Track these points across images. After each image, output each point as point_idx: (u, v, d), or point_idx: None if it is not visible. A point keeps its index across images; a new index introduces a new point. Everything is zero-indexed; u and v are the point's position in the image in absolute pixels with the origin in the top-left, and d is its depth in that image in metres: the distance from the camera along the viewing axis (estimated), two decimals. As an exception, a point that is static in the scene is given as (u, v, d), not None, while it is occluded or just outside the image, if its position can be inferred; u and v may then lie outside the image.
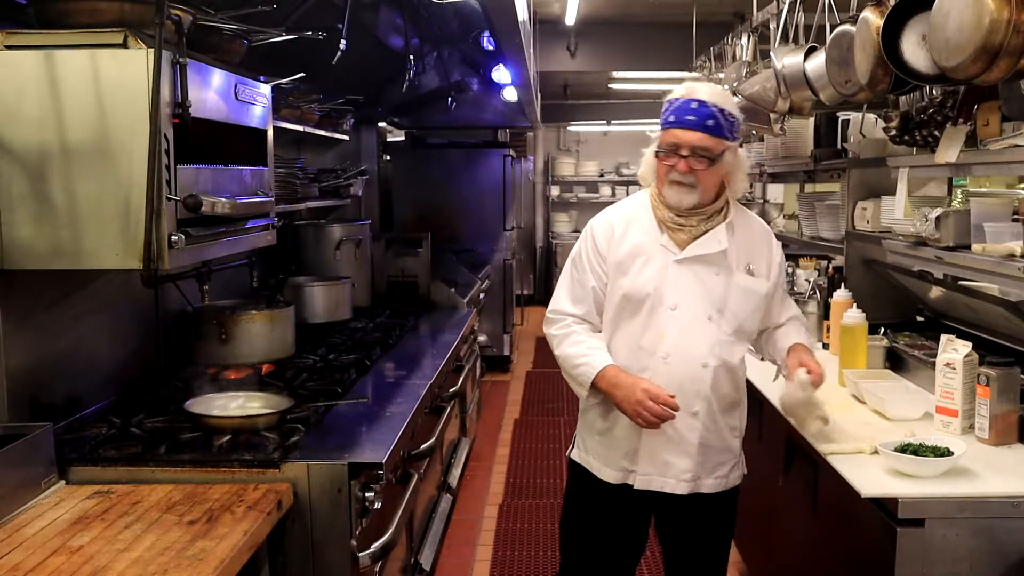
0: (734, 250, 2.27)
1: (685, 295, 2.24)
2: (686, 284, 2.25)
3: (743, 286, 2.27)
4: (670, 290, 2.25)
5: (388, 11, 3.85)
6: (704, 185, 2.23)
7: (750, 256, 2.30)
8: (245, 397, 2.61)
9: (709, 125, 2.19)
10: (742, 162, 2.30)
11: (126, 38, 2.01)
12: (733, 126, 2.23)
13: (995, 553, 2.00)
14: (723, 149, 2.22)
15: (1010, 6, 1.92)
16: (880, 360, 3.06)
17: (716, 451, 2.32)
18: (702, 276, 2.25)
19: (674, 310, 2.24)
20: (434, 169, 7.30)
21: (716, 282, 2.25)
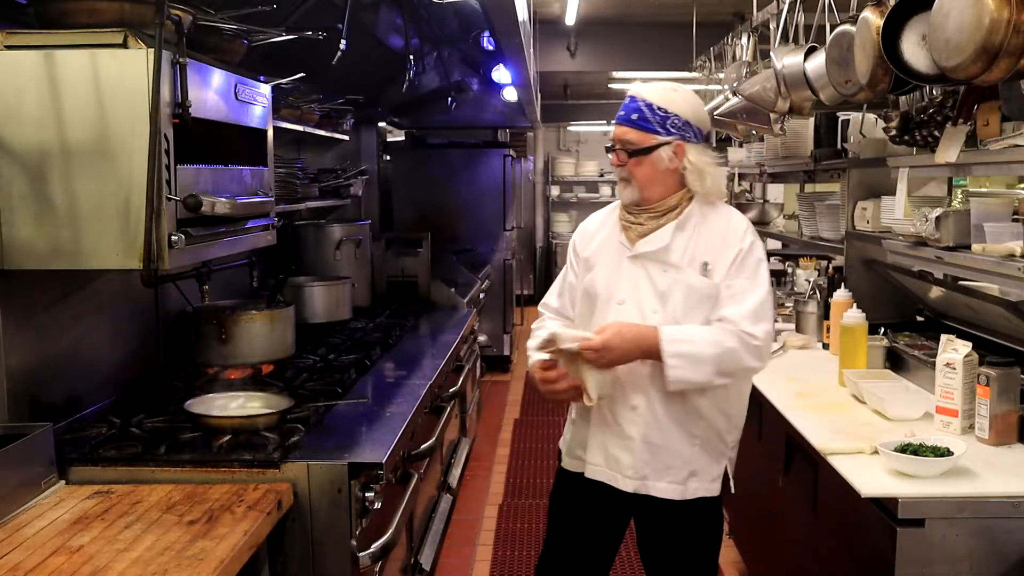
0: (683, 248, 2.24)
1: (633, 291, 2.27)
2: (636, 280, 2.27)
3: (688, 283, 2.23)
4: (620, 286, 2.29)
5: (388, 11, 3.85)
6: (638, 180, 2.25)
7: (707, 255, 2.24)
8: (245, 397, 2.61)
9: (633, 119, 2.23)
10: (696, 162, 2.24)
11: (126, 38, 2.01)
12: (667, 121, 2.21)
13: (995, 553, 2.00)
14: (653, 143, 2.21)
15: (1010, 6, 1.92)
16: (880, 360, 3.06)
17: (665, 452, 2.24)
18: (652, 273, 2.26)
19: (621, 304, 2.28)
20: (434, 169, 7.29)
21: (663, 279, 2.25)
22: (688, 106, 2.25)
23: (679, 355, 2.15)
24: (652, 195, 2.26)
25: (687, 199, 2.28)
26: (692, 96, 2.29)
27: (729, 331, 2.17)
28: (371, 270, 4.76)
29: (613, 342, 2.15)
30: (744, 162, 5.74)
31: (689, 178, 2.24)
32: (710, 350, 2.16)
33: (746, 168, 5.72)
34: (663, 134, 2.21)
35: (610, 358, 2.16)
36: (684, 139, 2.22)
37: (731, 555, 3.85)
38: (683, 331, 2.19)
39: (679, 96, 2.25)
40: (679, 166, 2.23)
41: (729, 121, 4.43)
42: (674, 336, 2.16)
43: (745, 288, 2.21)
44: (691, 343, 2.16)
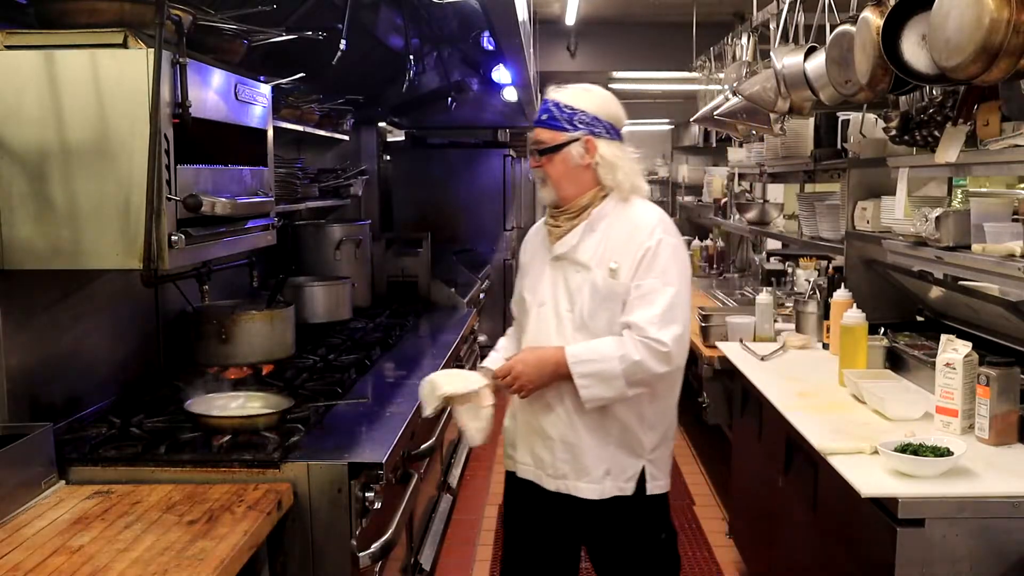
0: (594, 248, 2.25)
1: (551, 293, 2.31)
2: (554, 283, 2.31)
3: (593, 283, 2.24)
4: (542, 289, 2.34)
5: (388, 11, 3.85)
6: (552, 179, 2.28)
7: (616, 254, 2.23)
8: (245, 397, 2.61)
9: (543, 119, 2.28)
10: (611, 156, 2.24)
11: (126, 38, 2.01)
12: (573, 117, 2.24)
13: (995, 553, 2.00)
14: (562, 140, 2.24)
15: (1010, 6, 1.93)
16: (880, 360, 3.06)
17: (583, 452, 2.26)
18: (568, 275, 2.29)
19: (542, 307, 2.32)
20: (434, 169, 7.29)
21: (575, 280, 2.27)
22: (596, 103, 2.28)
23: (587, 375, 2.17)
24: (567, 193, 2.29)
25: (600, 197, 2.29)
26: (604, 94, 2.32)
27: (635, 341, 2.15)
28: (371, 270, 4.76)
29: (517, 369, 2.21)
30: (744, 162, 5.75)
31: (600, 172, 2.26)
32: (617, 366, 2.15)
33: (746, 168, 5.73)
34: (571, 130, 2.24)
35: (525, 386, 2.22)
36: (593, 134, 2.25)
37: (731, 555, 3.85)
38: (588, 349, 2.19)
39: (588, 94, 2.29)
40: (591, 162, 2.25)
41: (729, 121, 4.43)
42: (579, 356, 2.18)
43: (654, 288, 2.18)
44: (597, 361, 2.17)
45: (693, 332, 4.33)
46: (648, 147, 11.83)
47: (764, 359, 3.45)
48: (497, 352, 2.55)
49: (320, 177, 4.47)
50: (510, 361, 2.26)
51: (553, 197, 2.31)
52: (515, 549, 2.48)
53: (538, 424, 2.31)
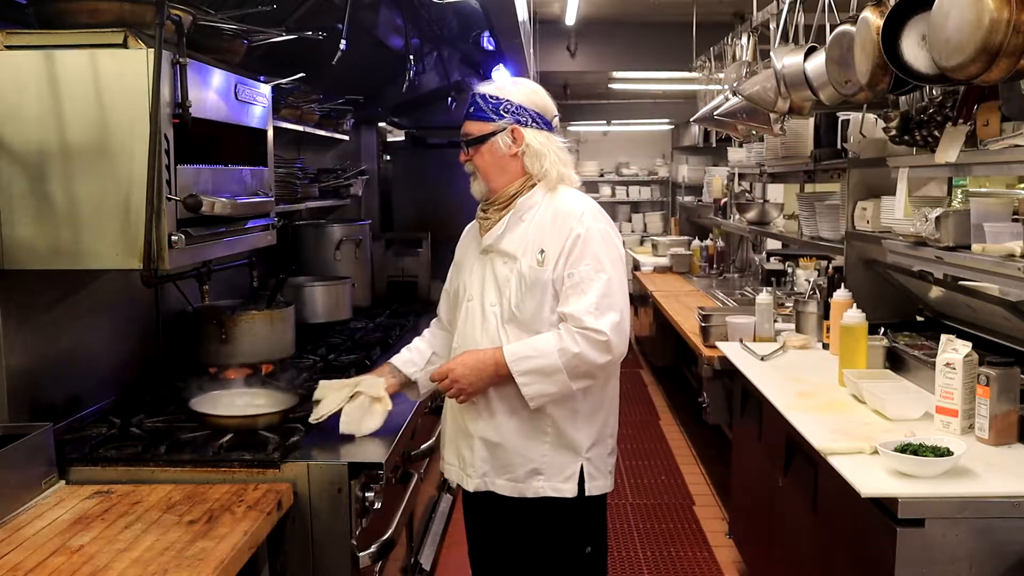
0: (521, 238, 2.24)
1: (479, 287, 2.30)
2: (484, 276, 2.30)
3: (520, 273, 2.21)
4: (471, 283, 2.33)
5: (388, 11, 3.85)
6: (481, 170, 2.29)
7: (543, 242, 2.21)
8: (250, 394, 2.61)
9: (470, 112, 2.29)
10: (537, 145, 2.23)
11: (126, 38, 2.01)
12: (499, 107, 2.24)
13: (995, 553, 2.00)
14: (488, 131, 2.25)
15: (1010, 6, 1.93)
16: (880, 360, 3.06)
17: (505, 451, 2.22)
18: (496, 267, 2.27)
19: (470, 301, 2.31)
20: (434, 169, 7.27)
21: (503, 271, 2.25)
22: (522, 92, 2.28)
23: (527, 372, 2.14)
24: (496, 184, 2.29)
25: (528, 187, 2.27)
26: (531, 85, 2.34)
27: (573, 333, 2.12)
28: (371, 270, 4.76)
29: (456, 372, 2.19)
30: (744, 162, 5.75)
31: (527, 162, 2.25)
32: (557, 359, 2.12)
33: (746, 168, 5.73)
34: (496, 120, 2.25)
35: (464, 389, 2.19)
36: (519, 123, 2.24)
37: (731, 555, 3.85)
38: (525, 346, 2.16)
39: (514, 85, 2.31)
40: (518, 151, 2.25)
41: (729, 121, 4.43)
42: (517, 354, 2.15)
43: (586, 277, 2.15)
44: (536, 357, 2.13)
45: (693, 332, 4.33)
46: (648, 147, 11.85)
47: (764, 359, 3.45)
48: (409, 352, 2.53)
49: (320, 177, 4.47)
50: (447, 364, 2.23)
51: (483, 190, 2.31)
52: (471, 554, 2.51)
53: (463, 424, 2.29)
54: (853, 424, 2.56)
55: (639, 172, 11.81)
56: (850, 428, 2.51)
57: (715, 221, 6.95)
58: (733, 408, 3.71)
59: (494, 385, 2.19)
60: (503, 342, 2.20)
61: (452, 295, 2.45)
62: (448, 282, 2.50)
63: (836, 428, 2.51)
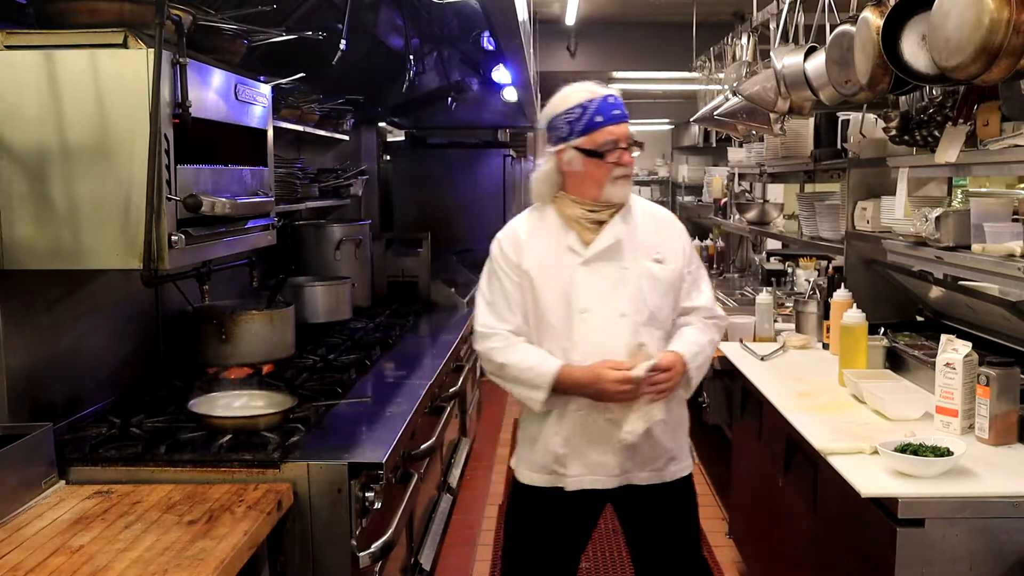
0: (635, 239, 2.26)
1: (594, 296, 2.24)
2: (594, 285, 2.24)
3: (650, 274, 2.24)
4: (579, 293, 2.24)
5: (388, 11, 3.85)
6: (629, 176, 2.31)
7: (656, 245, 2.29)
8: (248, 396, 2.61)
9: (628, 115, 2.28)
10: None
11: (126, 38, 2.02)
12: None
13: (995, 553, 2.00)
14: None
15: (1010, 6, 1.92)
16: (880, 360, 3.06)
17: (644, 448, 2.27)
18: (609, 273, 2.24)
19: (584, 313, 2.23)
20: (434, 169, 7.29)
21: (623, 276, 2.24)
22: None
23: (699, 367, 2.30)
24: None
25: None
26: None
27: (710, 324, 2.35)
28: (371, 270, 4.76)
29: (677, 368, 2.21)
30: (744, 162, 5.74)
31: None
32: (710, 350, 2.34)
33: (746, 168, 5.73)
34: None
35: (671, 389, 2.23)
36: None
37: (731, 555, 3.85)
38: (692, 344, 2.28)
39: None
40: None
41: (729, 121, 4.43)
42: (690, 351, 2.27)
43: (699, 273, 2.39)
44: (700, 352, 2.29)
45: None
46: (648, 147, 11.85)
47: (764, 359, 3.45)
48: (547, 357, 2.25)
49: (320, 177, 4.47)
50: (670, 357, 2.21)
51: (628, 194, 2.30)
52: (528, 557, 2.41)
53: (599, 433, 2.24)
54: (853, 424, 2.56)
55: (639, 172, 11.82)
56: (850, 428, 2.51)
57: (715, 221, 6.95)
58: (733, 408, 3.71)
59: None
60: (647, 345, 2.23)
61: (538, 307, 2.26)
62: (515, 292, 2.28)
63: (836, 428, 2.51)
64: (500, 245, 2.34)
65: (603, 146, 2.21)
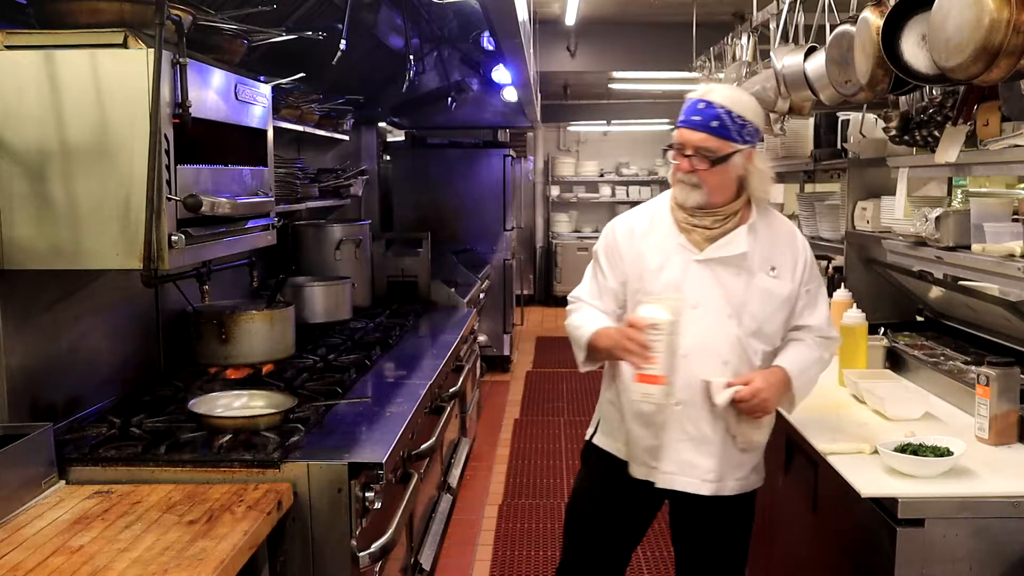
0: (756, 252, 2.26)
1: (706, 294, 2.25)
2: (706, 284, 2.25)
3: (764, 288, 2.25)
4: (690, 288, 2.25)
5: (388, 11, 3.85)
6: (709, 185, 2.22)
7: (773, 258, 2.28)
8: (248, 396, 2.61)
9: (713, 126, 2.19)
10: (761, 167, 2.27)
11: (126, 38, 2.01)
12: (743, 129, 2.20)
13: (995, 553, 2.00)
14: (730, 151, 2.19)
15: (1010, 6, 1.92)
16: (880, 360, 3.06)
17: (738, 452, 2.31)
18: (722, 277, 2.25)
19: (695, 308, 2.24)
20: (434, 169, 7.29)
21: (736, 283, 2.25)
22: (757, 113, 2.27)
23: (803, 386, 2.32)
24: (718, 199, 2.25)
25: (747, 203, 2.30)
26: (755, 101, 2.31)
27: (821, 342, 2.35)
28: (371, 270, 4.76)
29: (764, 394, 2.20)
30: (744, 162, 5.73)
31: (753, 183, 2.26)
32: (818, 368, 2.37)
33: (746, 168, 5.71)
34: (739, 142, 2.20)
35: (768, 408, 2.26)
36: (753, 146, 2.24)
37: (731, 555, 3.84)
38: (800, 361, 2.30)
39: (749, 101, 2.26)
40: (745, 172, 2.24)
41: (729, 121, 4.42)
42: (797, 368, 2.28)
43: (818, 294, 2.37)
44: (808, 371, 2.33)
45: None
46: (648, 147, 11.85)
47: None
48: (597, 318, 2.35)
49: (320, 177, 4.48)
50: (753, 385, 2.18)
51: (702, 202, 2.25)
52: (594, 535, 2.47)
53: (697, 431, 2.26)
54: (853, 424, 2.56)
55: (639, 172, 11.82)
56: (850, 428, 2.51)
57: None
58: (733, 408, 3.70)
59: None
60: (750, 354, 2.26)
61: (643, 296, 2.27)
62: (612, 282, 2.35)
63: (836, 428, 2.51)
64: (615, 234, 2.38)
65: (674, 146, 2.26)
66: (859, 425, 2.55)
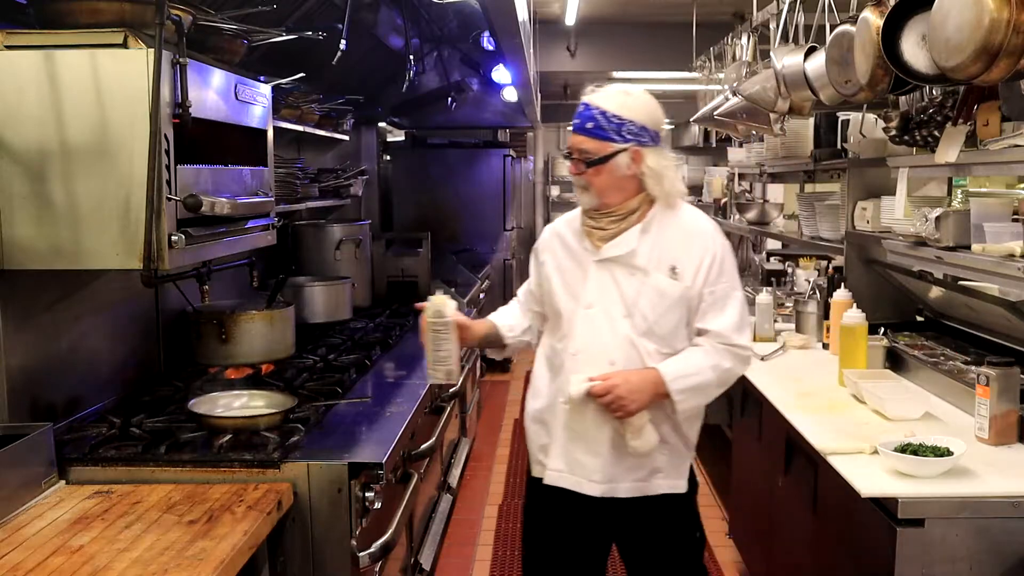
0: (649, 251, 2.22)
1: (601, 295, 2.25)
2: (604, 284, 2.25)
3: (657, 287, 2.21)
4: (588, 290, 2.26)
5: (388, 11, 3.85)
6: (596, 187, 2.22)
7: (675, 257, 2.23)
8: (248, 396, 2.61)
9: (588, 128, 2.18)
10: (654, 166, 2.20)
11: (126, 38, 2.02)
12: (623, 128, 2.17)
13: (995, 553, 2.00)
14: (609, 152, 2.18)
15: (1010, 6, 1.92)
16: (880, 360, 3.06)
17: (633, 455, 2.23)
18: (619, 277, 2.24)
19: (589, 309, 2.25)
20: (434, 169, 7.30)
21: (631, 283, 2.23)
22: (643, 111, 2.21)
23: (685, 390, 2.20)
24: (611, 200, 2.23)
25: (648, 201, 2.25)
26: (647, 99, 2.24)
27: (722, 350, 2.22)
28: (371, 270, 4.76)
29: (620, 390, 2.15)
30: (744, 162, 5.74)
31: (648, 183, 2.21)
32: (712, 375, 2.22)
33: (746, 168, 5.72)
34: (619, 141, 2.17)
35: (626, 407, 2.16)
36: (640, 144, 2.19)
37: (731, 555, 3.85)
38: (683, 365, 2.21)
39: (633, 101, 2.21)
40: (637, 172, 2.20)
41: (729, 121, 4.43)
42: (676, 373, 2.19)
43: (726, 295, 2.24)
44: (693, 375, 2.21)
45: (693, 332, 4.33)
46: (648, 147, 11.83)
47: (764, 359, 3.45)
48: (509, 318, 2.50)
49: (320, 177, 4.48)
50: (610, 380, 2.15)
51: (595, 203, 2.24)
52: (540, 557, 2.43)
53: (585, 430, 2.24)
54: (853, 424, 2.56)
55: (639, 172, 11.80)
56: (850, 428, 2.51)
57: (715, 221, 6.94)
58: (733, 408, 3.70)
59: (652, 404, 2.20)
60: (642, 355, 2.21)
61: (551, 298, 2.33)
62: (533, 279, 2.43)
63: (836, 428, 2.51)
64: (544, 233, 2.44)
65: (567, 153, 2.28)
66: (859, 425, 2.55)
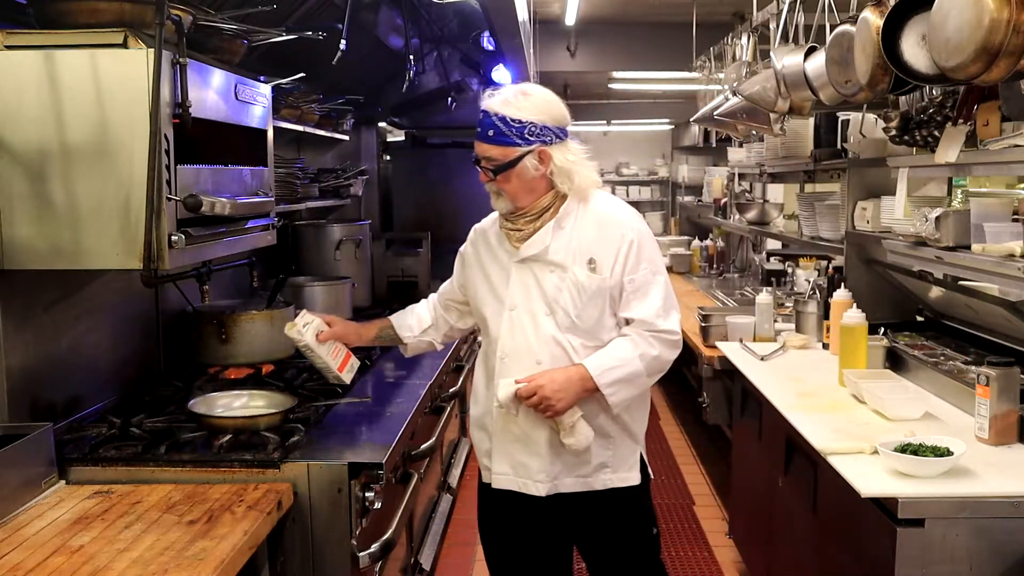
0: (566, 246, 2.22)
1: (523, 295, 2.24)
2: (526, 285, 2.24)
3: (575, 281, 2.20)
4: (511, 292, 2.26)
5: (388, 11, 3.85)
6: (509, 192, 2.22)
7: (592, 250, 2.21)
8: (248, 396, 2.61)
9: (490, 135, 2.17)
10: (562, 164, 2.19)
11: (126, 38, 2.02)
12: (525, 130, 2.15)
13: (995, 553, 2.00)
14: (514, 156, 2.16)
15: (1010, 6, 1.92)
16: (880, 360, 3.06)
17: (571, 452, 2.23)
18: (539, 276, 2.23)
19: (512, 311, 2.25)
20: (434, 169, 7.28)
21: (550, 280, 2.22)
22: (543, 109, 2.18)
23: (614, 382, 2.18)
24: (524, 202, 2.23)
25: (560, 197, 2.25)
26: (546, 96, 2.21)
27: (646, 336, 2.20)
28: (371, 270, 4.76)
29: (546, 390, 2.13)
30: (744, 162, 5.75)
31: (557, 181, 2.21)
32: (640, 364, 2.20)
33: (746, 168, 5.73)
34: (523, 144, 2.16)
35: (554, 407, 2.15)
36: (545, 143, 2.17)
37: (731, 555, 3.85)
38: (608, 358, 2.19)
39: (532, 102, 2.18)
40: (545, 171, 2.19)
41: (729, 121, 4.43)
42: (602, 366, 2.17)
43: (647, 281, 2.22)
44: (620, 367, 2.18)
45: (693, 332, 4.34)
46: (648, 147, 11.84)
47: (764, 359, 3.45)
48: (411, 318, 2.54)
49: (320, 177, 4.48)
50: (535, 381, 2.15)
51: (510, 207, 2.25)
52: (502, 562, 2.43)
53: (523, 432, 2.24)
54: (853, 424, 2.56)
55: (639, 172, 11.81)
56: (850, 428, 2.51)
57: (715, 221, 6.95)
58: (733, 408, 3.71)
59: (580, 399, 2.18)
60: (568, 351, 2.20)
61: (477, 301, 2.36)
62: (456, 280, 2.48)
63: (836, 428, 2.51)
64: (471, 234, 2.48)
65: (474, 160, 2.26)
66: (859, 425, 2.55)
